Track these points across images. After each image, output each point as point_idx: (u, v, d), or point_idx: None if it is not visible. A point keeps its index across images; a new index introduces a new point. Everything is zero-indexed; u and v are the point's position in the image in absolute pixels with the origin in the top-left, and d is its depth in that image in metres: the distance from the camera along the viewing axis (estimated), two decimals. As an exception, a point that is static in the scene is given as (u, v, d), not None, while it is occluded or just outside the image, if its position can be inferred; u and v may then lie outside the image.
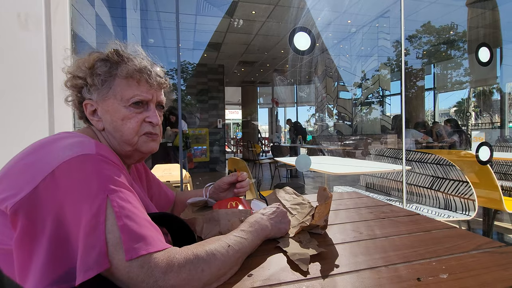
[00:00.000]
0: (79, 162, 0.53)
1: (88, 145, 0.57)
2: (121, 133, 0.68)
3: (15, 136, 1.16)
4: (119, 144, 0.70)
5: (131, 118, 0.68)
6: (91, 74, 0.67)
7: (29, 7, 1.17)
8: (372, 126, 8.18)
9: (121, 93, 0.67)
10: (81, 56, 0.70)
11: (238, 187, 0.95)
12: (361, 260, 0.62)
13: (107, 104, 0.68)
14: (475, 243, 0.69)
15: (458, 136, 4.98)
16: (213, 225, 0.75)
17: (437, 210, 2.25)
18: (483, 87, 8.79)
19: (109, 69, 0.67)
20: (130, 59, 0.69)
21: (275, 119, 12.60)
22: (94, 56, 0.69)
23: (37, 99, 1.19)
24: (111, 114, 0.68)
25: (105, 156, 0.57)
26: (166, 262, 0.49)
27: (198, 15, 6.13)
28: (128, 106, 0.68)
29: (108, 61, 0.68)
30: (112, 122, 0.68)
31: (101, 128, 0.70)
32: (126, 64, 0.68)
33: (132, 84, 0.68)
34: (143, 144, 0.71)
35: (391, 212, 0.99)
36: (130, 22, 3.86)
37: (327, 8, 5.92)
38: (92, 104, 0.69)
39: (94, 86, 0.67)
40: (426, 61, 9.04)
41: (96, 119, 0.70)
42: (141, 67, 0.69)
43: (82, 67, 0.68)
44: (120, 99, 0.67)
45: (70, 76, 0.70)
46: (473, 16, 6.02)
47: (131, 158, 0.74)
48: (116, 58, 0.69)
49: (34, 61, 1.19)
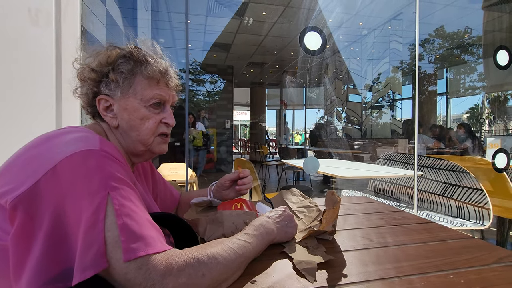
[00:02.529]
0: (82, 157, 0.51)
1: (92, 141, 0.56)
2: (138, 132, 0.68)
3: (22, 130, 1.16)
4: (133, 143, 0.69)
5: (150, 118, 0.68)
6: (113, 69, 0.66)
7: (39, 3, 1.17)
8: (382, 130, 8.05)
9: (142, 92, 0.67)
10: (98, 49, 0.69)
11: (240, 184, 0.91)
12: (371, 270, 0.59)
13: (126, 102, 0.66)
14: (496, 256, 0.65)
15: (471, 142, 4.83)
16: (217, 226, 0.72)
17: (449, 218, 2.17)
18: (498, 92, 8.55)
19: (132, 68, 0.66)
20: (154, 59, 0.69)
21: (283, 121, 12.55)
22: (117, 52, 0.67)
23: (45, 94, 1.19)
24: (130, 112, 0.67)
25: (108, 153, 0.55)
26: (165, 265, 0.47)
27: (208, 16, 6.16)
28: (148, 106, 0.68)
29: (131, 58, 0.67)
30: (130, 121, 0.67)
31: (115, 125, 0.68)
32: (150, 64, 0.68)
33: (152, 84, 0.68)
34: (156, 145, 0.71)
35: (403, 219, 0.94)
36: (141, 22, 3.89)
37: (339, 10, 5.86)
38: (108, 100, 0.67)
39: (115, 82, 0.66)
40: (438, 65, 8.87)
41: (110, 116, 0.67)
42: (163, 69, 0.69)
43: (102, 61, 0.66)
44: (140, 99, 0.67)
45: (87, 68, 0.67)
46: (489, 19, 5.86)
47: (140, 157, 0.73)
48: (140, 57, 0.68)
49: (44, 57, 1.20)
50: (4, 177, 0.52)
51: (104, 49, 0.68)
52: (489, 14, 5.81)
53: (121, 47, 0.69)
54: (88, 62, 0.68)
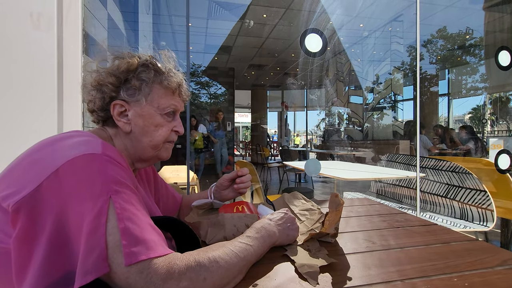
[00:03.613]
0: (84, 161, 0.52)
1: (95, 145, 0.56)
2: (151, 138, 0.70)
3: (24, 134, 1.16)
4: (143, 148, 0.70)
5: (164, 126, 0.71)
6: (134, 76, 0.68)
7: (41, 7, 1.18)
8: (383, 131, 8.03)
9: (159, 101, 0.69)
10: (115, 54, 0.70)
11: (238, 182, 0.91)
12: (374, 273, 0.58)
13: (142, 109, 0.68)
14: (500, 258, 0.64)
15: (474, 143, 4.80)
16: (218, 229, 0.72)
17: (452, 220, 2.16)
18: (500, 93, 8.52)
19: (153, 76, 0.69)
20: (172, 71, 0.73)
21: (284, 123, 12.54)
22: (137, 60, 0.69)
23: (47, 97, 1.19)
24: (145, 119, 0.68)
25: (111, 157, 0.55)
26: (166, 269, 0.47)
27: (209, 19, 6.18)
28: (163, 114, 0.70)
29: (151, 68, 0.69)
30: (144, 127, 0.69)
31: (128, 131, 0.69)
32: (169, 76, 0.71)
33: (168, 94, 0.71)
34: (164, 151, 0.74)
35: (405, 221, 0.93)
36: (142, 26, 3.91)
37: (339, 12, 5.87)
38: (123, 105, 0.68)
39: (135, 89, 0.68)
40: (440, 66, 8.85)
41: (124, 121, 0.68)
42: (179, 81, 0.73)
43: (123, 67, 0.67)
44: (156, 107, 0.69)
45: (107, 72, 0.68)
46: (491, 20, 5.85)
47: (146, 162, 0.75)
48: (160, 68, 0.71)
49: (45, 60, 1.20)
50: (7, 180, 0.52)
51: (123, 55, 0.70)
52: (490, 15, 5.80)
53: (140, 56, 0.71)
54: (107, 66, 0.69)
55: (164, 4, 5.36)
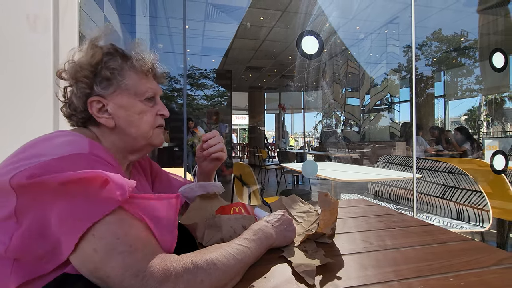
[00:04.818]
0: (70, 162, 0.50)
1: (81, 144, 0.55)
2: (137, 127, 0.67)
3: (19, 137, 1.15)
4: (133, 140, 0.68)
5: (147, 112, 0.68)
6: (102, 67, 0.64)
7: (38, 9, 1.18)
8: (380, 133, 8.07)
9: (135, 87, 0.66)
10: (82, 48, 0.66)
11: (206, 148, 0.85)
12: (371, 274, 0.58)
13: (120, 100, 0.65)
14: (496, 258, 0.64)
15: (470, 144, 4.83)
16: (215, 231, 0.72)
17: (449, 221, 2.17)
18: (495, 95, 8.61)
19: (121, 63, 0.65)
20: (139, 53, 0.68)
21: (282, 125, 12.56)
22: (100, 49, 0.65)
23: (43, 100, 1.19)
24: (126, 109, 0.65)
25: (98, 156, 0.55)
26: (162, 272, 0.46)
27: (206, 21, 6.20)
28: (143, 100, 0.68)
29: (116, 54, 0.66)
30: (128, 117, 0.66)
31: (112, 126, 0.65)
32: (136, 58, 0.67)
33: (142, 78, 0.68)
34: (156, 137, 0.72)
35: (402, 222, 0.94)
36: (139, 28, 3.91)
37: (336, 14, 5.91)
38: (100, 101, 0.64)
39: (107, 80, 0.64)
40: (436, 68, 8.93)
41: (105, 117, 0.64)
42: (152, 61, 0.70)
43: (88, 59, 0.64)
44: (134, 94, 0.66)
45: (77, 67, 0.64)
46: (485, 22, 5.92)
47: (140, 152, 0.72)
48: (124, 53, 0.67)
49: (41, 62, 1.20)
50: None
51: (88, 47, 0.65)
52: (484, 17, 5.87)
53: (99, 45, 0.66)
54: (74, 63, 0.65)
55: (161, 7, 5.37)
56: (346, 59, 8.09)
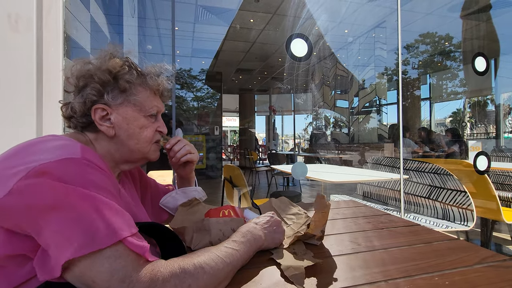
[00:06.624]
0: (62, 166, 0.49)
1: (73, 149, 0.54)
2: (136, 141, 0.69)
3: (1, 139, 1.11)
4: (130, 151, 0.69)
5: (148, 127, 0.71)
6: (116, 78, 0.66)
7: (19, 8, 1.14)
8: (369, 134, 8.20)
9: (142, 103, 0.69)
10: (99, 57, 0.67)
11: (172, 155, 0.84)
12: (359, 274, 0.59)
13: (125, 112, 0.67)
14: (479, 257, 0.66)
15: (458, 146, 4.95)
16: (203, 234, 0.71)
17: (435, 220, 2.22)
18: (478, 97, 8.89)
19: (136, 78, 0.68)
20: (153, 71, 0.72)
21: (272, 126, 12.60)
22: (119, 61, 0.67)
23: (25, 102, 1.15)
24: (129, 121, 0.67)
25: (90, 161, 0.54)
26: (149, 277, 0.46)
27: (196, 23, 6.17)
28: (147, 116, 0.70)
29: (132, 68, 0.68)
30: (129, 130, 0.68)
31: (111, 135, 0.66)
32: (151, 77, 0.71)
33: (151, 95, 0.71)
34: (153, 153, 0.74)
35: (389, 222, 0.95)
36: (127, 29, 3.85)
37: (324, 17, 5.99)
38: (105, 109, 0.65)
39: (119, 91, 0.66)
40: (422, 71, 9.15)
41: (107, 125, 0.66)
42: (161, 81, 0.73)
43: (104, 69, 0.65)
44: (139, 108, 0.69)
45: (89, 74, 0.65)
46: (468, 27, 6.12)
47: (133, 164, 0.74)
48: (140, 70, 0.70)
49: (24, 64, 1.16)
50: None
51: (106, 57, 0.67)
52: (467, 23, 6.06)
53: (119, 57, 0.69)
54: (89, 68, 0.65)
55: (150, 7, 5.31)
56: (335, 62, 8.21)
